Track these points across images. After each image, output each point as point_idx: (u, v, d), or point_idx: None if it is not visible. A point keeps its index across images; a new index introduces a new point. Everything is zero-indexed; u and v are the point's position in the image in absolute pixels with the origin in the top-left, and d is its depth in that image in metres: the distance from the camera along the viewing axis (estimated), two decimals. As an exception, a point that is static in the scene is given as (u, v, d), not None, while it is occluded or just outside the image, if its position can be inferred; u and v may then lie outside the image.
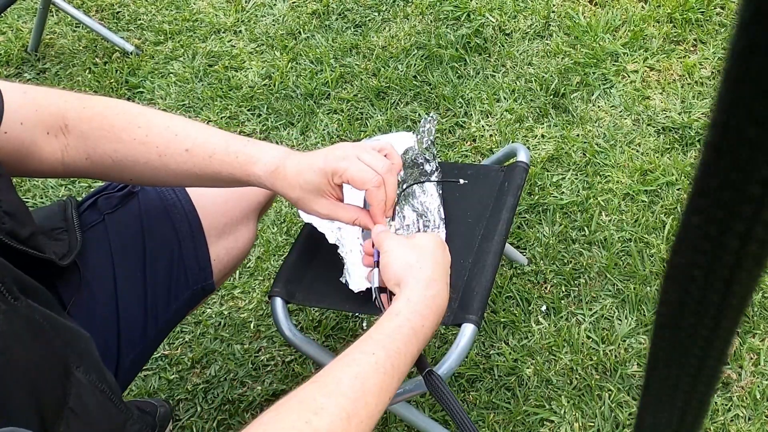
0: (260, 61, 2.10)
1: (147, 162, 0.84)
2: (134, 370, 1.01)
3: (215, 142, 0.84)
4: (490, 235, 1.10)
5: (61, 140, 0.82)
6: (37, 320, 0.66)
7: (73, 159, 0.83)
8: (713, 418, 1.31)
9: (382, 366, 0.67)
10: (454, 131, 1.83)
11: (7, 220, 0.72)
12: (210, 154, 0.83)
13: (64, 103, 0.83)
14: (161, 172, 0.85)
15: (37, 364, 0.61)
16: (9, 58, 2.23)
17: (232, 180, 0.84)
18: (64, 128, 0.82)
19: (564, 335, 1.43)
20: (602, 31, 1.97)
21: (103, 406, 0.71)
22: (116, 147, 0.83)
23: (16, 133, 0.77)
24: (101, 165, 0.84)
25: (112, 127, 0.83)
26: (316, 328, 1.53)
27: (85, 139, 0.82)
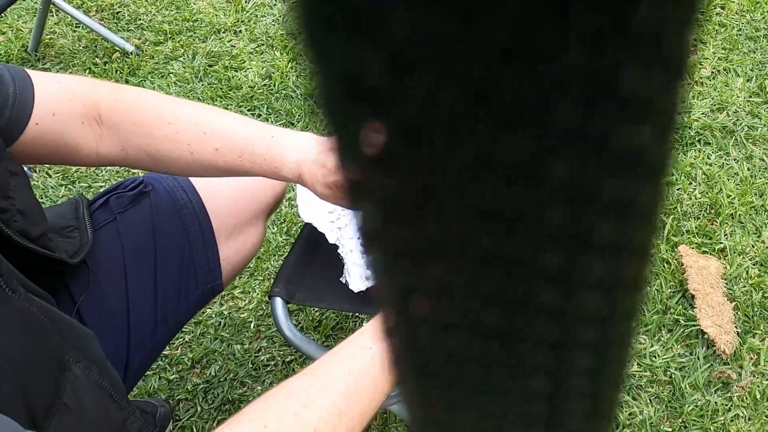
0: (260, 61, 2.10)
1: (180, 158, 0.84)
2: (142, 369, 1.01)
3: (242, 138, 0.84)
4: (490, 235, 1.10)
5: (95, 130, 0.82)
6: (34, 313, 0.66)
7: (107, 149, 0.84)
8: (713, 418, 1.31)
9: (379, 362, 0.66)
10: (454, 131, 1.83)
11: (19, 219, 0.72)
12: (239, 155, 0.83)
13: (96, 94, 0.83)
14: (196, 167, 0.85)
15: (28, 356, 0.61)
16: (9, 58, 2.23)
17: (265, 174, 0.85)
18: (98, 118, 0.82)
19: (564, 335, 1.43)
20: (602, 31, 1.97)
21: (101, 404, 0.71)
22: (148, 141, 0.83)
23: (47, 124, 0.78)
24: (136, 157, 0.85)
25: (142, 122, 0.84)
26: (316, 328, 1.53)
27: (118, 131, 0.83)
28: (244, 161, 0.83)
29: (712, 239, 1.54)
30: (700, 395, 1.34)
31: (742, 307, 1.43)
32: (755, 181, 1.63)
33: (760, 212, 1.58)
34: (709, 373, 1.36)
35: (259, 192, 1.07)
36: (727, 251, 1.52)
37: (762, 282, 1.47)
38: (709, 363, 1.37)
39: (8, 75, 0.77)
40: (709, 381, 1.36)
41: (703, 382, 1.35)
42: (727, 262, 1.51)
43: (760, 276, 1.48)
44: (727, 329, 1.39)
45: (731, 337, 1.38)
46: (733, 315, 1.42)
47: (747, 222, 1.56)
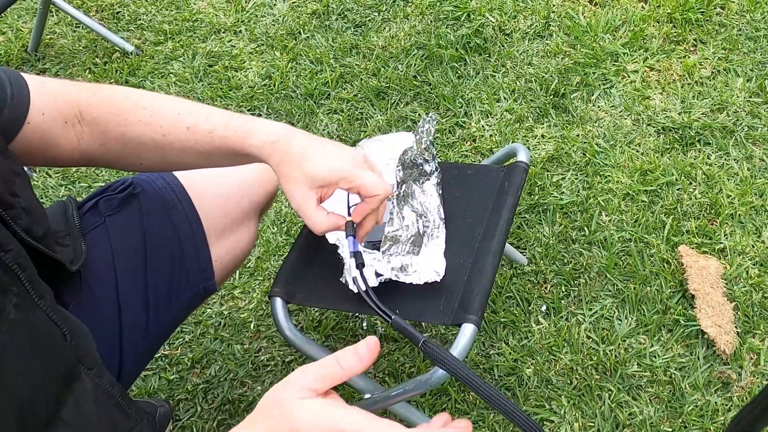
0: (260, 61, 2.10)
1: (153, 142, 0.85)
2: (136, 371, 1.01)
3: (216, 119, 0.85)
4: (490, 235, 1.11)
5: (77, 128, 0.84)
6: (56, 322, 0.65)
7: (88, 146, 0.85)
8: (713, 418, 1.31)
9: None
10: (454, 131, 1.83)
11: (24, 216, 0.72)
12: (210, 130, 0.84)
13: (77, 93, 0.85)
14: (168, 153, 0.86)
15: (31, 376, 0.60)
16: (9, 58, 2.23)
17: (232, 154, 0.85)
18: (79, 116, 0.84)
19: (564, 335, 1.43)
20: (602, 31, 1.97)
21: (106, 414, 0.70)
22: (124, 130, 0.84)
23: (38, 123, 0.80)
24: (114, 150, 0.86)
25: (119, 110, 0.85)
26: (316, 328, 1.53)
27: (97, 124, 0.84)
28: (214, 137, 0.84)
29: (712, 239, 1.54)
30: (700, 395, 1.34)
31: (742, 307, 1.43)
32: (755, 181, 1.63)
33: (760, 212, 1.58)
34: (709, 373, 1.36)
35: (250, 191, 1.06)
36: (727, 251, 1.52)
37: (762, 282, 1.47)
38: (709, 363, 1.37)
39: (4, 76, 0.79)
40: (709, 381, 1.36)
41: (703, 382, 1.35)
42: (727, 262, 1.51)
43: (760, 276, 1.48)
44: (727, 329, 1.39)
45: (731, 337, 1.38)
46: (733, 315, 1.42)
47: (747, 222, 1.56)
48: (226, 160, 0.87)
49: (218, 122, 0.85)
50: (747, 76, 1.83)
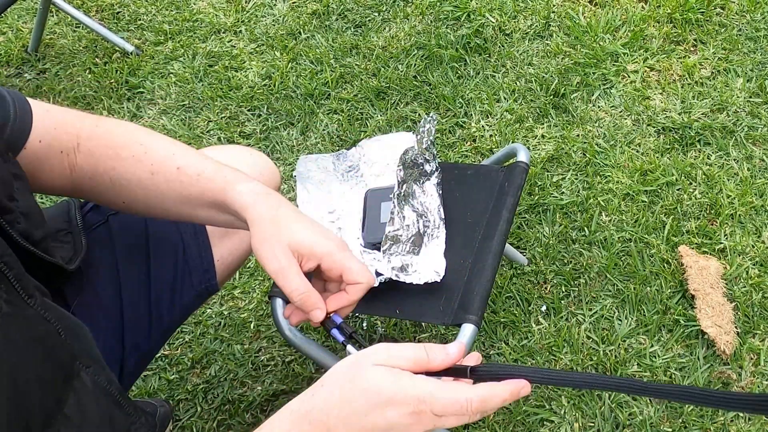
0: (260, 61, 2.10)
1: (139, 180, 0.83)
2: (138, 370, 1.01)
3: (208, 164, 0.83)
4: (490, 235, 1.11)
5: (71, 159, 0.83)
6: (48, 321, 0.65)
7: (80, 178, 0.84)
8: (713, 418, 1.31)
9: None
10: (454, 131, 1.83)
11: (22, 221, 0.72)
12: (199, 172, 0.82)
13: (80, 123, 0.84)
14: (150, 193, 0.83)
15: (32, 372, 0.60)
16: (9, 58, 2.23)
17: (212, 203, 0.81)
18: (77, 147, 0.83)
19: (564, 335, 1.43)
20: (602, 31, 1.97)
21: (106, 411, 0.70)
22: (114, 164, 0.83)
23: (34, 149, 0.79)
24: (102, 185, 0.84)
25: (115, 144, 0.84)
26: (316, 328, 1.53)
27: (91, 156, 0.83)
28: (201, 179, 0.81)
29: (712, 239, 1.54)
30: (700, 395, 1.34)
31: (742, 307, 1.43)
32: (755, 181, 1.63)
33: (760, 212, 1.58)
34: (709, 373, 1.36)
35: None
36: (727, 251, 1.52)
37: (762, 282, 1.47)
38: (709, 363, 1.37)
39: (9, 97, 0.79)
40: (709, 381, 1.36)
41: (703, 382, 1.35)
42: (727, 262, 1.51)
43: (760, 276, 1.48)
44: (727, 329, 1.39)
45: (731, 337, 1.38)
46: (733, 315, 1.42)
47: (747, 222, 1.56)
48: (204, 211, 0.83)
49: (209, 167, 0.82)
50: (747, 76, 1.83)
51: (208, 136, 1.93)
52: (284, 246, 0.75)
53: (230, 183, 0.80)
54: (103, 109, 2.04)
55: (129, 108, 2.04)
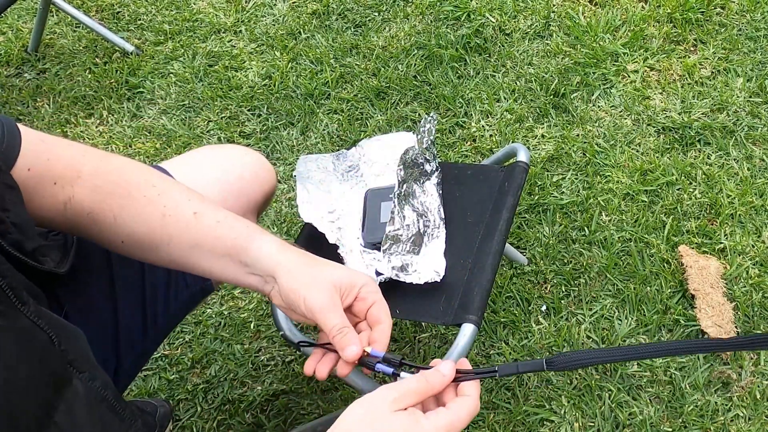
0: (260, 61, 2.10)
1: (147, 221, 0.80)
2: (134, 371, 1.01)
3: (227, 214, 0.82)
4: (490, 235, 1.11)
5: (67, 191, 0.80)
6: (41, 329, 0.65)
7: (75, 211, 0.81)
8: (713, 418, 1.31)
9: None
10: (454, 131, 1.83)
11: (13, 231, 0.71)
12: (218, 219, 0.80)
13: (82, 157, 0.81)
14: (157, 236, 0.80)
15: (22, 381, 0.60)
16: (9, 58, 2.23)
17: (231, 251, 0.79)
18: (75, 180, 0.80)
19: (564, 335, 1.43)
20: (602, 31, 1.97)
21: (99, 418, 0.70)
22: (123, 203, 0.80)
23: (22, 178, 0.76)
24: (102, 223, 0.81)
25: (127, 182, 0.81)
26: (316, 328, 1.52)
27: (95, 192, 0.80)
28: (221, 226, 0.80)
29: (712, 239, 1.54)
30: (700, 395, 1.34)
31: (742, 307, 1.43)
32: (755, 181, 1.63)
33: (760, 212, 1.58)
34: (709, 373, 1.36)
35: (247, 190, 1.06)
36: (727, 251, 1.52)
37: (762, 282, 1.47)
38: (709, 363, 1.37)
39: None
40: (709, 381, 1.36)
41: (703, 382, 1.35)
42: (727, 262, 1.51)
43: (760, 276, 1.48)
44: (727, 329, 1.39)
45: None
46: (733, 315, 1.42)
47: (747, 222, 1.56)
48: (214, 260, 0.80)
49: (228, 216, 0.81)
50: (747, 76, 1.83)
51: (208, 136, 1.93)
52: (328, 283, 0.76)
53: (253, 233, 0.80)
54: (103, 109, 2.04)
55: (129, 108, 2.04)
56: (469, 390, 0.68)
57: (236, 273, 0.80)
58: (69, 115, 2.04)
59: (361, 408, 0.64)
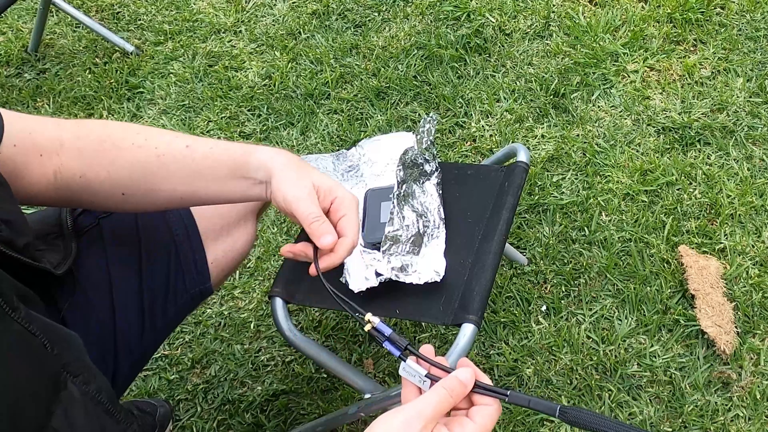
0: (260, 61, 2.10)
1: (144, 165, 0.82)
2: (133, 373, 1.00)
3: (216, 140, 0.85)
4: (490, 235, 1.11)
5: (54, 161, 0.81)
6: (33, 334, 0.64)
7: (66, 179, 0.82)
8: (713, 418, 1.31)
9: None
10: (454, 131, 1.83)
11: (3, 229, 0.71)
12: (211, 146, 0.84)
13: (57, 127, 0.82)
14: (157, 176, 0.83)
15: (20, 385, 0.60)
16: (9, 58, 2.23)
17: (231, 168, 0.83)
18: (60, 149, 0.81)
19: (564, 335, 1.43)
20: (602, 31, 1.97)
21: (96, 421, 0.69)
22: (114, 156, 0.82)
23: (9, 154, 0.77)
24: (95, 181, 0.83)
25: (109, 136, 0.83)
26: (316, 328, 1.53)
27: (82, 155, 0.82)
28: (215, 151, 0.83)
29: (712, 239, 1.54)
30: (700, 395, 1.34)
31: (742, 307, 1.43)
32: (755, 181, 1.63)
33: (760, 212, 1.58)
34: (709, 373, 1.36)
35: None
36: (727, 251, 1.52)
37: (762, 282, 1.47)
38: (709, 363, 1.37)
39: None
40: (709, 381, 1.36)
41: (703, 382, 1.35)
42: (727, 262, 1.51)
43: (760, 276, 1.48)
44: (727, 329, 1.39)
45: (731, 337, 1.38)
46: (733, 315, 1.42)
47: (747, 222, 1.56)
48: (218, 183, 0.84)
49: (219, 142, 0.84)
50: (747, 76, 1.83)
51: (208, 136, 1.93)
52: (308, 182, 0.80)
53: (247, 148, 0.83)
54: (103, 109, 2.04)
55: (129, 108, 2.04)
56: (491, 401, 0.67)
57: (242, 188, 0.84)
58: (69, 115, 2.04)
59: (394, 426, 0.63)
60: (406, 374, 0.71)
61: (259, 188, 0.83)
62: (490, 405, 0.67)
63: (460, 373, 0.67)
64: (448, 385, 0.66)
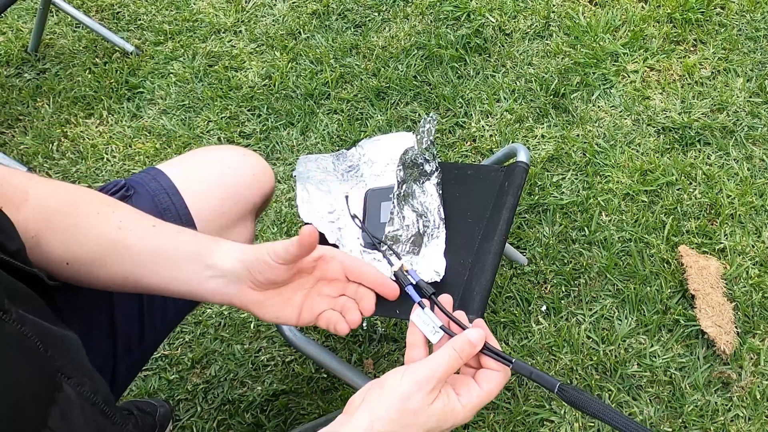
0: (260, 61, 2.10)
1: (100, 234, 0.78)
2: (132, 374, 1.00)
3: (188, 230, 0.82)
4: (490, 235, 1.11)
5: (13, 217, 0.77)
6: (26, 335, 0.64)
7: (21, 236, 0.77)
8: (713, 418, 1.31)
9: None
10: (454, 131, 1.83)
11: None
12: (179, 230, 0.80)
13: (29, 181, 0.79)
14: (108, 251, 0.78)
15: (18, 386, 0.60)
16: (9, 58, 2.23)
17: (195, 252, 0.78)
18: (23, 203, 0.78)
19: (564, 335, 1.43)
20: (602, 31, 1.97)
21: (92, 422, 0.69)
22: (74, 220, 0.78)
23: None
24: (47, 243, 0.78)
25: (76, 201, 0.79)
26: (316, 328, 1.53)
27: (45, 212, 0.78)
28: (182, 235, 0.79)
29: (712, 239, 1.54)
30: (700, 395, 1.34)
31: (742, 307, 1.43)
32: (755, 181, 1.63)
33: (760, 212, 1.58)
34: (709, 373, 1.36)
35: (245, 192, 1.05)
36: (727, 251, 1.52)
37: (762, 282, 1.47)
38: (709, 363, 1.37)
39: None
40: (709, 381, 1.36)
41: (703, 382, 1.35)
42: (727, 262, 1.51)
43: (760, 276, 1.48)
44: (727, 329, 1.39)
45: (731, 337, 1.38)
46: (733, 315, 1.42)
47: (747, 222, 1.56)
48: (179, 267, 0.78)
49: (188, 229, 0.81)
50: (747, 76, 1.83)
51: (208, 136, 1.93)
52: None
53: (216, 239, 0.80)
54: (103, 109, 2.04)
55: (129, 108, 2.04)
56: (500, 367, 0.69)
57: (197, 277, 0.78)
58: (69, 115, 2.04)
59: (399, 402, 0.64)
60: (420, 321, 0.72)
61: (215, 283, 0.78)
62: (497, 371, 0.68)
63: (471, 334, 0.68)
64: (459, 346, 0.67)
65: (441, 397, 0.66)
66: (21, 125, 2.05)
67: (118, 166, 1.90)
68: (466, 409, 0.66)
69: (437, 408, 0.65)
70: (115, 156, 1.92)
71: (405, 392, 0.65)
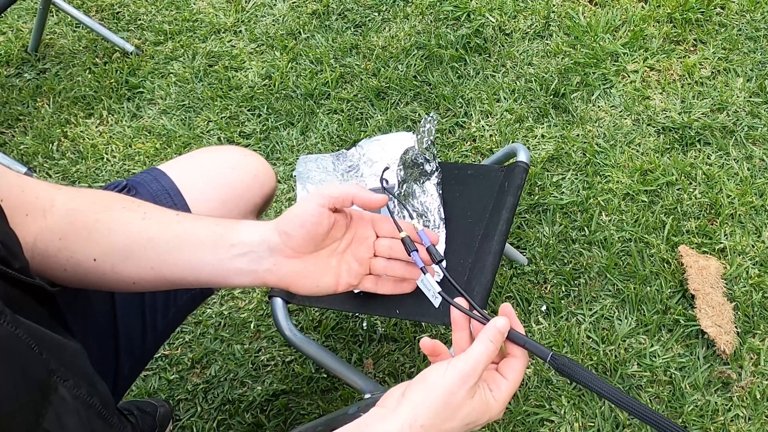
0: (260, 61, 2.10)
1: (125, 226, 0.78)
2: (134, 375, 1.00)
3: (204, 216, 0.82)
4: (490, 235, 1.11)
5: (39, 223, 0.78)
6: (20, 337, 0.64)
7: (45, 243, 0.78)
8: (713, 418, 1.31)
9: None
10: (454, 131, 1.83)
11: (0, 249, 0.70)
12: (198, 217, 0.80)
13: (54, 189, 0.80)
14: (135, 242, 0.78)
15: (9, 386, 0.60)
16: (9, 58, 2.23)
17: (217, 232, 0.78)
18: (49, 209, 0.79)
19: (564, 335, 1.43)
20: (602, 31, 1.97)
21: (88, 424, 0.69)
22: (99, 217, 0.78)
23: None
24: (74, 243, 0.79)
25: (102, 199, 0.80)
26: (316, 328, 1.53)
27: (68, 215, 0.78)
28: (206, 221, 0.79)
29: (712, 239, 1.54)
30: (700, 395, 1.34)
31: (742, 307, 1.43)
32: (755, 181, 1.63)
33: (760, 212, 1.58)
34: (709, 373, 1.36)
35: (246, 192, 1.05)
36: (727, 251, 1.52)
37: (762, 282, 1.47)
38: (709, 363, 1.37)
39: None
40: (709, 381, 1.36)
41: (703, 382, 1.35)
42: (727, 262, 1.51)
43: (760, 276, 1.48)
44: (727, 329, 1.39)
45: (731, 337, 1.38)
46: (733, 315, 1.42)
47: (747, 222, 1.56)
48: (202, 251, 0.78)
49: (209, 217, 0.81)
50: (747, 76, 1.83)
51: (208, 136, 1.93)
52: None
53: (237, 223, 0.79)
54: (103, 109, 2.04)
55: (129, 108, 2.04)
56: (518, 351, 0.71)
57: (222, 259, 0.77)
58: (69, 115, 2.04)
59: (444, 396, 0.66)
60: (423, 287, 0.76)
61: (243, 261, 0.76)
62: (518, 357, 0.70)
63: (499, 322, 0.71)
64: (493, 337, 0.70)
65: (479, 392, 0.68)
66: (21, 125, 2.05)
67: (118, 166, 1.90)
68: (499, 403, 0.69)
69: (476, 403, 0.67)
70: (115, 156, 1.92)
71: (449, 387, 0.66)
